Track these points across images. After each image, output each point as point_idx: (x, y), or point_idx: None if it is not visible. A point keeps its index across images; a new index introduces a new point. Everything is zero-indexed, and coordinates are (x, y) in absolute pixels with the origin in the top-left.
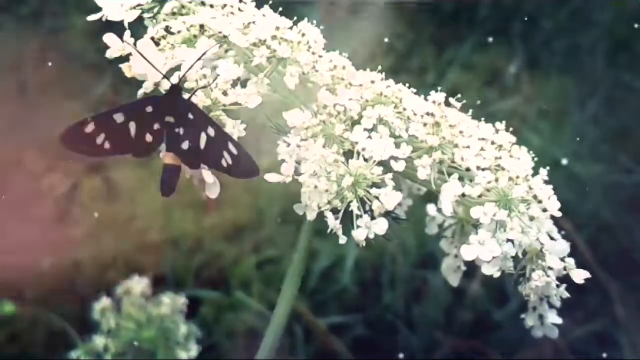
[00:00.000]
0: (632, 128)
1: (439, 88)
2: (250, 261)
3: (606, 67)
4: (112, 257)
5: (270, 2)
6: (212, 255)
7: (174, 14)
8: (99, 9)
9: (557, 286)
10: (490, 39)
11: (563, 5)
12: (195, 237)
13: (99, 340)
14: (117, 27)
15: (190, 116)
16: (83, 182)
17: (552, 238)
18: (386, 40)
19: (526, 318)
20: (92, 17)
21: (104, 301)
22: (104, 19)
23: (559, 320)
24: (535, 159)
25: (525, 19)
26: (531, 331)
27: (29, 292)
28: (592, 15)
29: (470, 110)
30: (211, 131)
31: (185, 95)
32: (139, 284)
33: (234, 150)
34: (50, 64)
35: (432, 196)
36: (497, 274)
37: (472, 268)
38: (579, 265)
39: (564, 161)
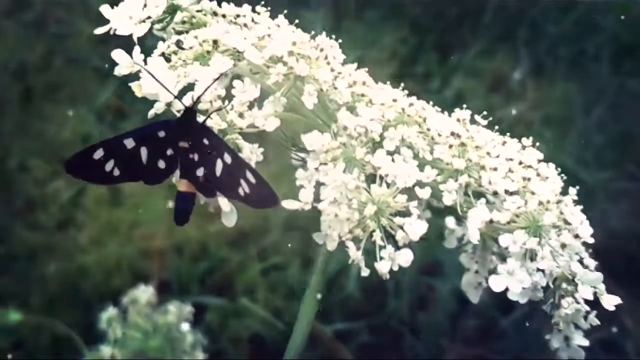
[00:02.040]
0: (638, 134)
1: (450, 98)
2: (255, 268)
3: (611, 74)
4: (116, 263)
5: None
6: (217, 262)
7: (183, 22)
8: (104, 17)
9: (587, 312)
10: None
11: (568, 12)
12: (200, 243)
13: (105, 350)
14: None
15: (206, 141)
16: (88, 188)
17: (581, 261)
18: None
19: (551, 340)
20: (99, 30)
21: (111, 311)
22: (111, 33)
23: (586, 342)
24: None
25: (530, 25)
26: (556, 353)
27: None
28: (597, 22)
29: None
30: (228, 158)
31: (200, 119)
32: (145, 293)
33: (252, 179)
34: (54, 69)
35: (450, 208)
36: (523, 301)
37: None
38: None
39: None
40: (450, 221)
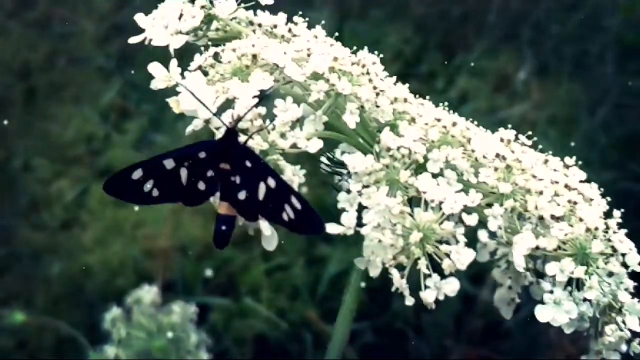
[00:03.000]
0: None
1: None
2: (260, 268)
3: (615, 74)
4: (120, 263)
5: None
6: (221, 262)
7: (217, 30)
8: (109, 15)
9: (630, 340)
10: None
11: (572, 12)
12: (204, 243)
13: (110, 350)
14: (128, 32)
15: (248, 164)
16: (92, 188)
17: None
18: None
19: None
20: (133, 40)
21: (115, 311)
22: (146, 42)
23: None
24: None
25: (534, 25)
26: None
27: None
28: (601, 22)
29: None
30: (272, 182)
31: (242, 138)
32: (149, 293)
33: (298, 205)
34: (58, 69)
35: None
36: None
37: (482, 274)
38: None
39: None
40: (482, 234)
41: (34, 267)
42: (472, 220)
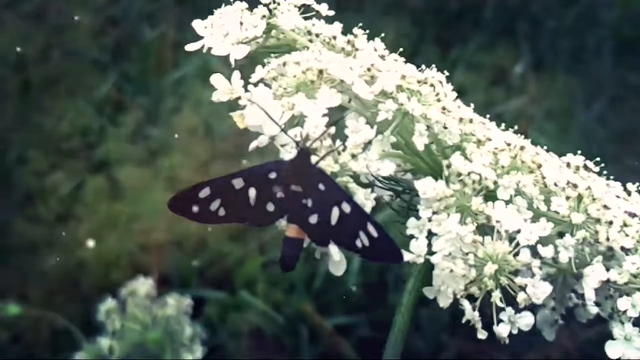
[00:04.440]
0: (638, 128)
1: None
2: (256, 261)
3: (612, 68)
4: (116, 257)
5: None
6: (217, 255)
7: (271, 36)
8: (105, 8)
9: None
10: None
11: (569, 6)
12: (200, 237)
13: (104, 342)
14: (124, 24)
15: (322, 187)
16: (87, 181)
17: None
18: None
19: None
20: (190, 47)
21: (109, 303)
22: (204, 51)
23: None
24: None
25: (531, 19)
26: None
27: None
28: (598, 16)
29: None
30: (346, 207)
31: (313, 159)
32: (144, 285)
33: (374, 233)
34: (53, 61)
35: None
36: None
37: None
38: None
39: None
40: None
41: (29, 260)
42: (548, 252)
